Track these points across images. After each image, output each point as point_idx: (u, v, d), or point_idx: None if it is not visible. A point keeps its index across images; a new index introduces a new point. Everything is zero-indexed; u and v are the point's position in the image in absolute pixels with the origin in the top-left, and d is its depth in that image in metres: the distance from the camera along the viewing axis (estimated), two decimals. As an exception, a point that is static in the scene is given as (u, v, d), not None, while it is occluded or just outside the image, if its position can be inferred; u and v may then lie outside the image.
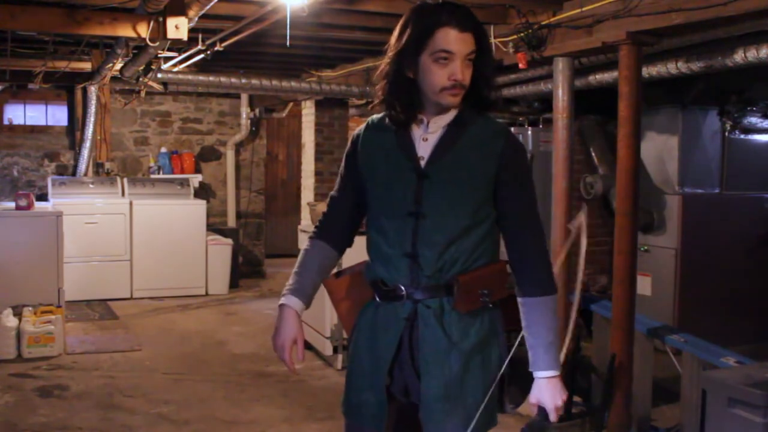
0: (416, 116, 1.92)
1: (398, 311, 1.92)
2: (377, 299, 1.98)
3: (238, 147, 9.23)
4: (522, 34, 4.35)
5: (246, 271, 9.00)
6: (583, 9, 4.04)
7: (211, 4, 3.94)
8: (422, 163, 1.91)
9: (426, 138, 1.92)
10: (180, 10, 4.29)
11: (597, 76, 4.89)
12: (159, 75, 6.24)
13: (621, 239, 3.93)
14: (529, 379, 2.04)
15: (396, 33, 1.90)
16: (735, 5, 3.22)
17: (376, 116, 2.03)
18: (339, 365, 5.14)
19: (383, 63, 1.93)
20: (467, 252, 1.91)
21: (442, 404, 1.89)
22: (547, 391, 1.99)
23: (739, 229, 5.93)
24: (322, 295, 2.15)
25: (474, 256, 1.92)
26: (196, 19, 4.37)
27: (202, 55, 5.64)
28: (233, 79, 6.51)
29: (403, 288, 1.91)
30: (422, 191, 1.89)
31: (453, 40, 1.82)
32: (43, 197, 7.66)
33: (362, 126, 2.06)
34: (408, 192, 1.91)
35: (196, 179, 8.57)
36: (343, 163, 2.09)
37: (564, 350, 2.26)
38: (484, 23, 4.42)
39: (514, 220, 1.94)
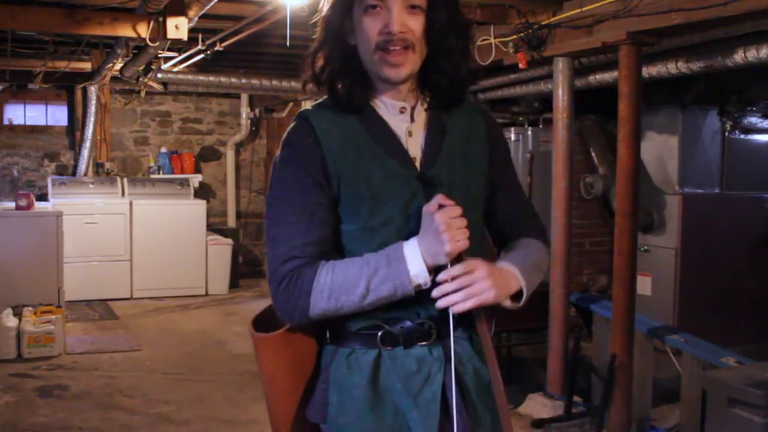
0: (372, 96, 1.48)
1: (431, 354, 1.45)
2: (378, 347, 1.45)
3: (238, 147, 9.23)
4: (522, 34, 4.35)
5: (246, 271, 8.99)
6: (583, 9, 4.03)
7: (211, 4, 3.95)
8: (417, 165, 1.47)
9: (411, 132, 1.49)
10: (180, 10, 4.29)
11: (597, 76, 4.89)
12: (159, 75, 6.25)
13: (621, 239, 3.93)
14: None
15: None
16: (735, 5, 3.22)
17: (314, 107, 1.50)
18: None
19: (315, 36, 1.48)
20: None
21: None
22: (483, 268, 1.39)
23: (739, 229, 5.92)
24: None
25: None
26: (196, 19, 4.37)
27: (202, 55, 5.65)
28: (233, 79, 6.52)
29: (431, 323, 1.45)
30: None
31: None
32: (43, 197, 7.65)
33: (299, 123, 1.46)
34: (412, 206, 1.44)
35: (196, 179, 8.57)
36: (292, 183, 1.43)
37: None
38: (483, 23, 4.48)
39: (509, 194, 1.63)
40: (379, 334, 1.44)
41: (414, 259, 1.35)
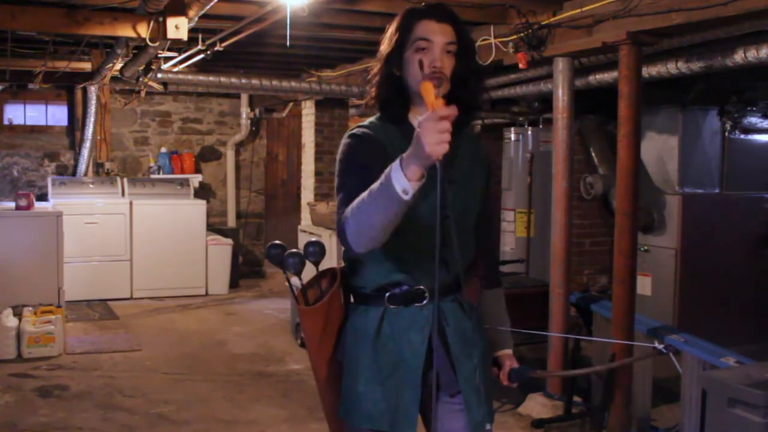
0: (409, 113, 1.97)
1: (422, 311, 1.93)
2: (385, 305, 1.92)
3: (238, 147, 9.24)
4: (522, 34, 4.35)
5: (246, 271, 9.00)
6: (583, 9, 4.04)
7: (211, 4, 3.94)
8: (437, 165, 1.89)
9: None
10: (180, 10, 4.29)
11: (597, 76, 4.89)
12: (159, 75, 6.24)
13: (621, 239, 3.93)
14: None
15: (384, 37, 1.99)
16: (735, 5, 3.22)
17: (369, 121, 2.00)
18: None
19: (374, 67, 1.99)
20: (474, 248, 2.05)
21: (476, 392, 1.97)
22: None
23: (739, 229, 5.93)
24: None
25: (473, 250, 2.06)
26: (196, 19, 4.37)
27: (202, 55, 5.64)
28: (233, 79, 6.51)
29: (425, 289, 1.92)
30: (447, 195, 1.83)
31: (431, 29, 1.89)
32: (43, 197, 7.66)
33: (363, 128, 1.96)
34: (433, 196, 1.79)
35: (196, 179, 8.58)
36: (362, 162, 1.86)
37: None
38: (483, 23, 4.48)
39: (485, 219, 2.10)
40: (386, 294, 1.92)
41: (396, 172, 1.61)
